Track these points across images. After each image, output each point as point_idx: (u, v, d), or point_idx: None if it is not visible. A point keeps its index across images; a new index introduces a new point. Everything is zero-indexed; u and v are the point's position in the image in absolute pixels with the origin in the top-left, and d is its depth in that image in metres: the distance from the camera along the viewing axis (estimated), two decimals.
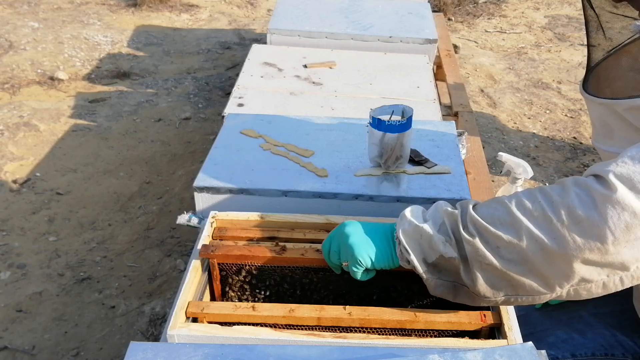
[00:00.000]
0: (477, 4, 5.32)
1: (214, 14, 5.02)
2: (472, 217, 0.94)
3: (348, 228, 1.08)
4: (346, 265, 1.08)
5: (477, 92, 3.87)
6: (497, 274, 0.92)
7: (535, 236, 0.87)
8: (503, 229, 0.90)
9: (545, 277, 0.89)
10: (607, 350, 1.24)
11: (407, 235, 1.00)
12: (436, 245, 0.96)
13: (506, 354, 0.87)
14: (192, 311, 1.06)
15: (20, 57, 4.02)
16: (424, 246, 0.98)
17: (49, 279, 2.31)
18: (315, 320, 1.06)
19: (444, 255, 0.95)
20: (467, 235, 0.93)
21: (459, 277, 0.96)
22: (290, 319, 1.06)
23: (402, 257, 1.01)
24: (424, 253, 0.98)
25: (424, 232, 0.98)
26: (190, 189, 2.48)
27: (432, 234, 0.96)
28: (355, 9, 2.92)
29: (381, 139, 1.44)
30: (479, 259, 0.92)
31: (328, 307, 1.07)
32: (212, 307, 1.07)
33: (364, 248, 1.04)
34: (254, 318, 1.07)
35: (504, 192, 1.49)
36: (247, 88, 2.17)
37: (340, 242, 1.08)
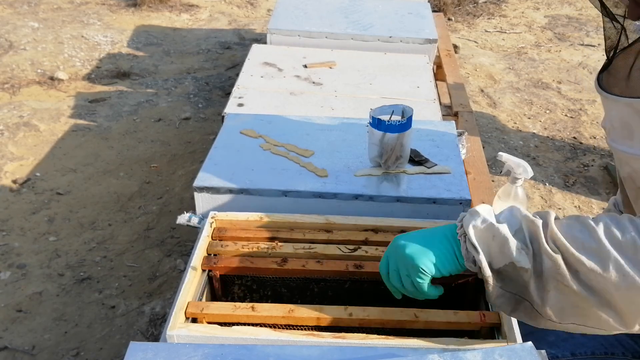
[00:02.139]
0: (477, 4, 5.32)
1: (214, 14, 5.02)
2: (554, 233, 0.87)
3: (401, 240, 0.99)
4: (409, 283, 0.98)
5: (477, 92, 3.87)
6: (572, 299, 0.86)
7: (624, 271, 0.81)
8: (587, 255, 0.84)
9: (624, 314, 0.84)
10: (607, 349, 1.24)
11: (478, 233, 0.91)
12: (509, 251, 0.88)
13: (506, 353, 0.87)
14: (192, 311, 1.06)
15: (20, 57, 4.02)
16: (493, 249, 0.90)
17: (49, 279, 2.31)
18: (315, 320, 1.06)
19: (515, 263, 0.88)
20: (550, 250, 0.86)
21: (525, 291, 0.89)
22: (290, 319, 1.06)
23: (468, 257, 0.93)
24: (491, 256, 0.90)
25: (498, 233, 0.89)
26: (190, 189, 2.48)
27: (507, 237, 0.88)
28: (355, 9, 2.92)
29: (381, 139, 1.44)
30: (558, 278, 0.85)
31: (327, 307, 1.07)
32: (211, 308, 1.07)
33: (424, 254, 0.95)
34: (253, 318, 1.06)
35: (503, 192, 1.49)
36: (247, 88, 2.17)
37: (396, 257, 0.99)
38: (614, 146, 1.11)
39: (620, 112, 1.06)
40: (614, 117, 1.09)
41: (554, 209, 2.83)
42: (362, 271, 1.18)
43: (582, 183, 3.02)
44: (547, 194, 2.93)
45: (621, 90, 1.05)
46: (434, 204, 1.42)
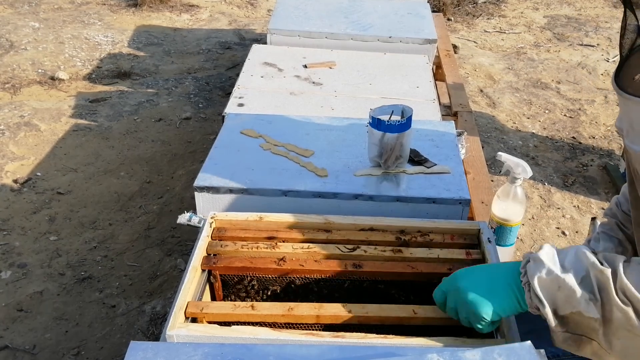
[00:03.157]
0: (477, 4, 5.33)
1: (214, 14, 5.03)
2: (624, 285, 0.85)
3: (463, 282, 0.99)
4: (467, 323, 1.00)
5: (477, 92, 3.88)
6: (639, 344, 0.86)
7: None
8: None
9: None
10: None
11: (543, 284, 0.91)
12: (577, 302, 0.88)
13: (505, 353, 0.87)
14: (192, 311, 1.07)
15: (21, 57, 4.03)
16: (559, 298, 0.90)
17: (49, 278, 2.31)
18: (314, 318, 1.06)
19: (583, 312, 0.88)
20: (621, 303, 0.85)
21: (593, 334, 0.89)
22: (290, 317, 1.06)
23: (532, 305, 0.93)
24: (557, 304, 0.90)
25: (565, 285, 0.89)
26: (190, 189, 2.48)
27: (574, 289, 0.88)
28: (355, 9, 2.92)
29: (381, 138, 1.45)
30: (629, 328, 0.85)
31: (327, 304, 1.07)
32: (211, 307, 1.08)
33: (486, 304, 0.95)
34: (253, 317, 1.07)
35: (503, 191, 1.49)
36: (247, 88, 2.18)
37: (457, 299, 0.99)
38: (633, 147, 1.08)
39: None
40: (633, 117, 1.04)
41: (553, 208, 2.83)
42: (361, 271, 1.18)
43: (581, 183, 3.02)
44: (546, 194, 2.94)
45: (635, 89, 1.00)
46: (433, 203, 1.43)
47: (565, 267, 0.91)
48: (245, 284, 1.23)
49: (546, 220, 2.77)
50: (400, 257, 1.21)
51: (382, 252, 1.22)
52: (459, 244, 1.25)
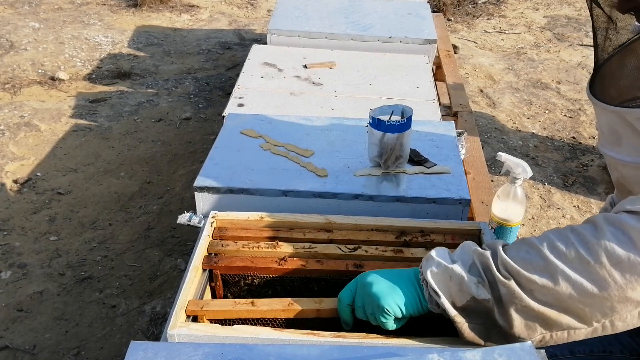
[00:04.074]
0: (477, 5, 5.33)
1: (214, 14, 5.03)
2: (504, 260, 0.91)
3: (369, 278, 1.02)
4: (373, 318, 1.02)
5: (477, 92, 3.88)
6: (534, 314, 0.90)
7: (572, 280, 0.86)
8: (537, 273, 0.88)
9: (582, 315, 0.88)
10: (605, 347, 1.25)
11: (436, 277, 0.96)
12: (468, 287, 0.92)
13: (505, 353, 0.87)
14: (192, 309, 1.07)
15: (21, 57, 4.03)
16: (453, 289, 0.94)
17: (49, 278, 2.31)
18: (315, 312, 1.06)
19: (476, 297, 0.92)
20: (502, 278, 0.90)
21: (492, 319, 0.93)
22: (290, 312, 1.06)
23: (432, 300, 0.97)
24: (453, 296, 0.94)
25: (454, 274, 0.94)
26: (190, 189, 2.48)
27: (463, 275, 0.93)
28: (355, 9, 2.92)
29: (381, 139, 1.45)
30: (515, 301, 0.89)
31: (327, 299, 1.08)
32: (211, 305, 1.08)
33: (389, 295, 0.99)
34: (253, 313, 1.07)
35: (503, 191, 1.49)
36: (247, 88, 2.18)
37: (363, 294, 1.02)
38: (603, 151, 1.14)
39: (608, 119, 1.08)
40: (602, 123, 1.11)
41: (553, 209, 2.84)
42: (362, 270, 1.18)
43: (581, 183, 3.02)
44: (546, 194, 2.94)
45: (609, 98, 1.07)
46: (433, 203, 1.43)
47: (454, 259, 0.97)
48: (247, 282, 1.23)
49: (546, 220, 2.77)
50: (402, 257, 1.22)
51: (383, 252, 1.22)
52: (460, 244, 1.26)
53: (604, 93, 1.09)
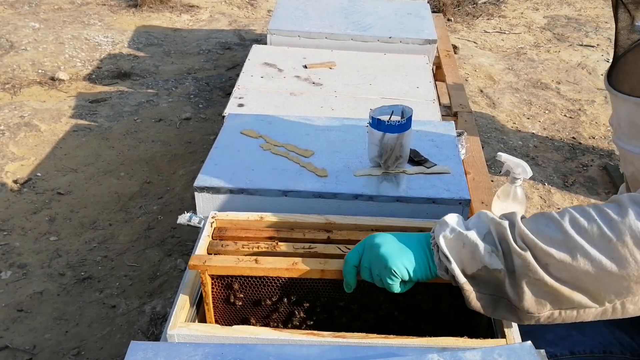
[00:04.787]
0: (477, 5, 5.33)
1: (214, 14, 5.03)
2: (522, 231, 0.90)
3: (378, 239, 1.01)
4: (379, 280, 1.00)
5: (477, 93, 3.88)
6: (546, 289, 0.89)
7: (591, 256, 0.85)
8: (555, 247, 0.87)
9: (596, 294, 0.88)
10: (606, 347, 1.24)
11: (448, 242, 0.94)
12: (480, 256, 0.91)
13: (505, 353, 0.87)
14: (194, 264, 1.06)
15: (21, 57, 4.03)
16: (465, 256, 0.93)
17: (49, 278, 2.31)
18: (319, 272, 1.05)
19: (488, 266, 0.91)
20: (518, 248, 0.89)
21: (502, 291, 0.92)
22: (294, 272, 1.06)
23: (441, 266, 0.96)
24: (464, 263, 0.93)
25: (468, 240, 0.93)
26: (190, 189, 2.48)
27: (477, 243, 0.92)
28: (355, 9, 2.92)
29: (381, 139, 1.45)
30: (529, 274, 0.88)
31: (332, 260, 1.08)
32: (214, 260, 1.07)
33: (398, 257, 0.97)
34: (256, 271, 1.06)
35: (503, 192, 1.49)
36: (247, 88, 2.18)
37: (370, 255, 1.00)
38: (620, 145, 1.11)
39: (628, 111, 1.06)
40: (621, 115, 1.09)
41: (553, 209, 2.84)
42: None
43: (581, 183, 3.02)
44: (546, 194, 2.94)
45: (631, 89, 1.05)
46: (433, 203, 1.43)
47: (469, 227, 0.95)
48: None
49: None
50: None
51: None
52: None
53: (624, 84, 1.07)
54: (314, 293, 1.11)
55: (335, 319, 1.15)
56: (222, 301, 1.12)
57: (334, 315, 1.14)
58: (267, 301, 1.11)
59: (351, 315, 1.14)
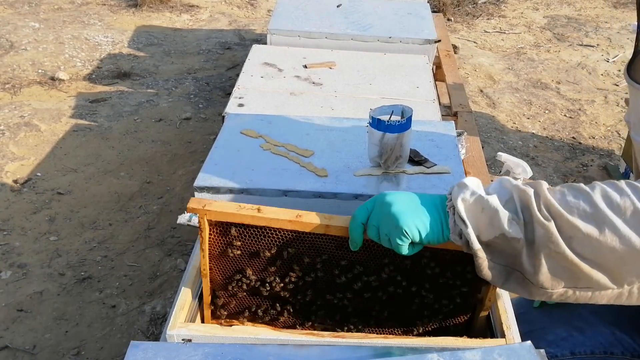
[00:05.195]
0: (477, 5, 5.33)
1: (214, 14, 5.03)
2: (548, 200, 0.85)
3: (390, 196, 0.95)
4: (387, 240, 0.94)
5: (477, 92, 3.88)
6: (565, 264, 0.85)
7: (620, 232, 0.81)
8: (582, 220, 0.83)
9: (617, 274, 0.84)
10: (607, 348, 1.24)
11: (467, 206, 0.89)
12: (500, 222, 0.86)
13: (505, 353, 0.87)
14: (193, 207, 1.01)
15: (21, 57, 4.03)
16: (482, 221, 0.88)
17: (49, 278, 2.31)
18: (323, 228, 1.00)
19: (506, 234, 0.86)
20: (542, 218, 0.84)
21: (516, 262, 0.87)
22: (297, 224, 1.00)
23: (455, 230, 0.91)
24: (480, 229, 0.88)
25: (488, 205, 0.87)
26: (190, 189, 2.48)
27: (497, 209, 0.86)
28: (354, 9, 2.92)
29: (381, 139, 1.45)
30: (550, 246, 0.84)
31: (338, 216, 1.02)
32: (214, 205, 1.01)
33: (410, 217, 0.91)
34: (258, 220, 1.01)
35: None
36: (247, 88, 2.18)
37: (381, 213, 0.94)
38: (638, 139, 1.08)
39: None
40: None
41: None
42: None
43: None
44: None
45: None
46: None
47: (489, 192, 0.91)
48: None
49: None
50: None
51: None
52: None
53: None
54: (315, 249, 1.04)
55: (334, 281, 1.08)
56: (219, 249, 1.06)
57: (333, 275, 1.08)
58: (266, 253, 1.05)
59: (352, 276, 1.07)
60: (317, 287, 1.10)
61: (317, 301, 1.12)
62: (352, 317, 1.14)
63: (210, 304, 1.14)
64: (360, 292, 1.08)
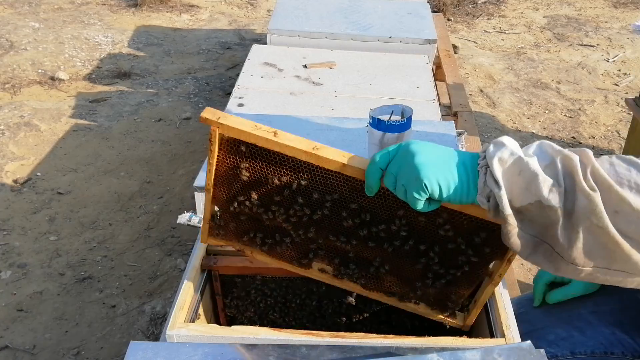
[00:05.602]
0: (477, 5, 5.33)
1: (214, 14, 5.03)
2: (596, 170, 0.78)
3: (416, 145, 0.86)
4: (403, 192, 0.86)
5: (477, 92, 3.88)
6: (604, 241, 0.78)
7: None
8: (633, 193, 0.76)
9: None
10: (607, 348, 1.24)
11: (503, 166, 0.81)
12: (538, 188, 0.78)
13: (505, 353, 0.87)
14: (207, 117, 0.95)
15: (21, 57, 4.03)
16: (517, 185, 0.80)
17: (49, 278, 2.31)
18: (340, 166, 0.94)
19: (542, 201, 0.78)
20: (587, 188, 0.77)
21: (548, 233, 0.80)
22: (312, 157, 0.94)
23: (484, 191, 0.83)
24: (513, 193, 0.80)
25: (527, 168, 0.79)
26: (190, 189, 2.48)
27: (537, 173, 0.78)
28: (355, 9, 2.92)
29: (381, 138, 1.45)
30: (592, 219, 0.77)
31: (357, 156, 0.95)
32: (230, 120, 0.95)
33: (433, 170, 0.83)
34: (272, 144, 0.94)
35: None
36: (247, 88, 2.18)
37: (403, 161, 0.86)
38: None
39: None
40: None
41: None
42: None
43: None
44: None
45: None
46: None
47: (529, 154, 0.83)
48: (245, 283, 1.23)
49: None
50: None
51: None
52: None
53: None
54: (327, 185, 0.98)
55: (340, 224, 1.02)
56: (226, 167, 1.01)
57: (340, 217, 1.01)
58: (274, 180, 0.98)
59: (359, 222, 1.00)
60: (322, 225, 1.03)
61: (318, 239, 1.05)
62: (351, 264, 1.08)
63: (210, 220, 1.08)
64: (365, 240, 1.02)
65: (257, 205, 1.03)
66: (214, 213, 1.07)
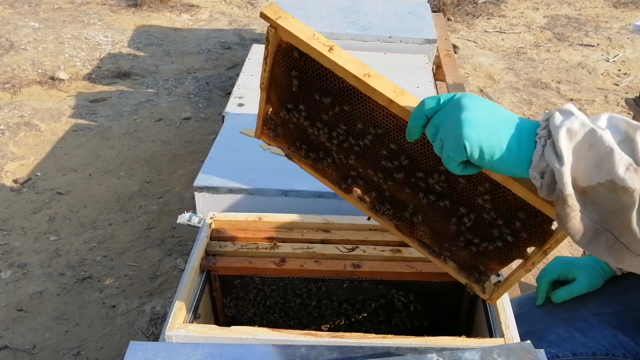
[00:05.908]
0: (477, 4, 5.33)
1: (214, 14, 5.03)
2: None
3: (468, 99, 0.75)
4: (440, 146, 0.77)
5: (477, 92, 3.88)
6: None
7: None
8: None
9: None
10: (608, 350, 1.24)
11: (571, 138, 0.69)
12: (613, 166, 0.67)
13: (504, 352, 0.87)
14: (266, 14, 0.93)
15: (21, 57, 4.03)
16: (586, 161, 0.69)
17: (49, 278, 2.31)
18: (387, 100, 0.86)
19: (616, 181, 0.67)
20: None
21: (614, 220, 0.70)
22: (361, 84, 0.87)
23: (540, 165, 0.71)
24: (579, 171, 0.69)
25: (600, 142, 0.68)
26: (190, 189, 2.48)
27: (612, 148, 0.67)
28: (355, 9, 2.92)
29: None
30: None
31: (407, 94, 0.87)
32: (288, 22, 0.92)
33: (477, 131, 0.72)
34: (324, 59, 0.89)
35: None
36: (247, 88, 2.17)
37: (449, 113, 0.75)
38: None
39: None
40: None
41: None
42: (360, 271, 1.19)
43: None
44: None
45: None
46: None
47: (600, 126, 0.71)
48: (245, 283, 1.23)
49: None
50: (400, 257, 1.22)
51: (382, 252, 1.22)
52: None
53: None
54: (370, 117, 0.92)
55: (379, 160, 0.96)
56: (279, 70, 0.99)
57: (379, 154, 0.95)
58: (321, 97, 0.94)
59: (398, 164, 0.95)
60: (362, 156, 0.98)
61: (358, 168, 1.02)
62: (386, 203, 1.03)
63: (262, 118, 1.09)
64: (401, 184, 0.96)
65: (303, 118, 1.00)
66: (268, 114, 1.07)
